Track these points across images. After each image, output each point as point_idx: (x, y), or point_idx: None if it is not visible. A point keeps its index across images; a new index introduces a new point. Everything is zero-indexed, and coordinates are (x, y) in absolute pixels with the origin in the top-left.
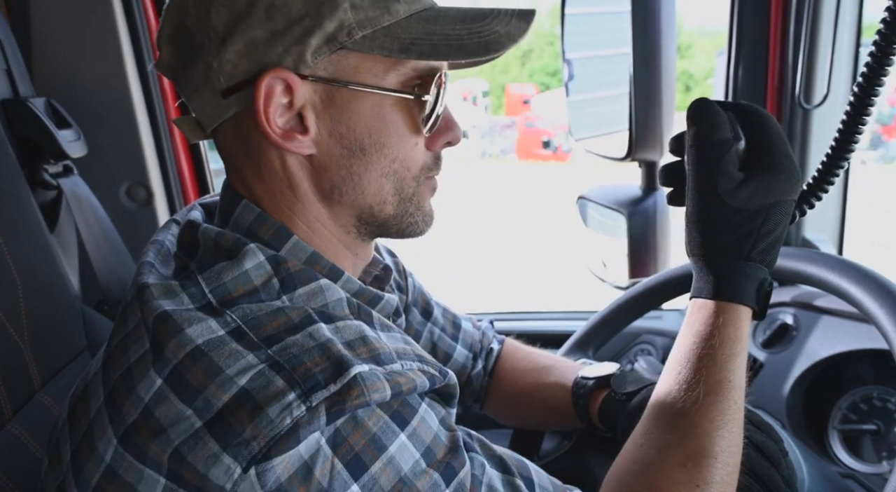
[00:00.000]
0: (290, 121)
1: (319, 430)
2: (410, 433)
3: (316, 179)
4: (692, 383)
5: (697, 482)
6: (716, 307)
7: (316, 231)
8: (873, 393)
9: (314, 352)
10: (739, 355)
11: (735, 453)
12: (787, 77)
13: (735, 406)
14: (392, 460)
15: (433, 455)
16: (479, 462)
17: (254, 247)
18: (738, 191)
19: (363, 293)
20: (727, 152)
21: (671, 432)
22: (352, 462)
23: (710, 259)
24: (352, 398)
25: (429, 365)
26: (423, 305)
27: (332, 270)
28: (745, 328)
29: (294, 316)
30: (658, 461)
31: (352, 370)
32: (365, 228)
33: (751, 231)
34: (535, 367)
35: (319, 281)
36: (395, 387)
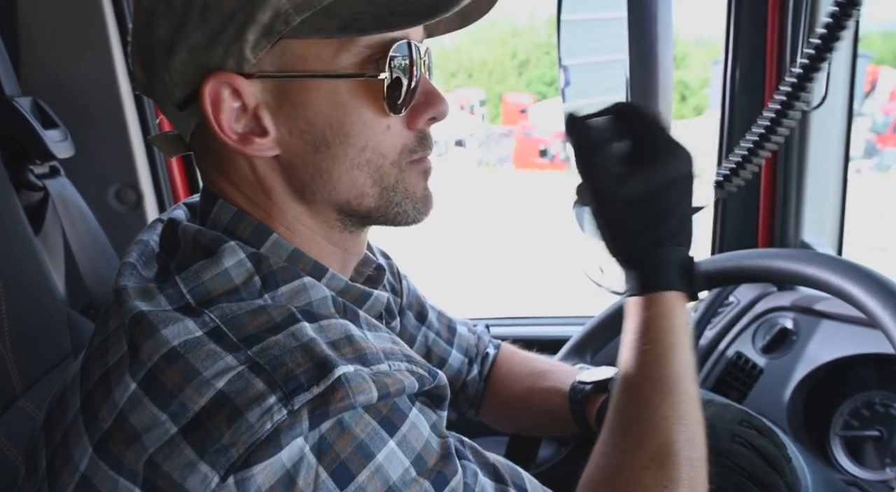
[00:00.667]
0: (248, 124)
1: (302, 435)
2: (400, 440)
3: (287, 179)
4: (639, 383)
5: (665, 483)
6: (644, 302)
7: (297, 231)
8: (875, 398)
9: (296, 352)
10: (680, 344)
11: (697, 446)
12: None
13: (686, 397)
14: (380, 468)
15: (424, 463)
16: (472, 470)
17: (233, 245)
18: (623, 185)
19: (350, 291)
20: (605, 152)
21: (629, 437)
22: (337, 471)
23: (625, 257)
24: (336, 400)
25: (418, 365)
26: (418, 308)
27: (315, 267)
28: (678, 315)
29: (276, 315)
30: (621, 468)
31: (336, 371)
32: (349, 220)
33: (651, 218)
34: (532, 371)
35: (303, 279)
36: (381, 388)
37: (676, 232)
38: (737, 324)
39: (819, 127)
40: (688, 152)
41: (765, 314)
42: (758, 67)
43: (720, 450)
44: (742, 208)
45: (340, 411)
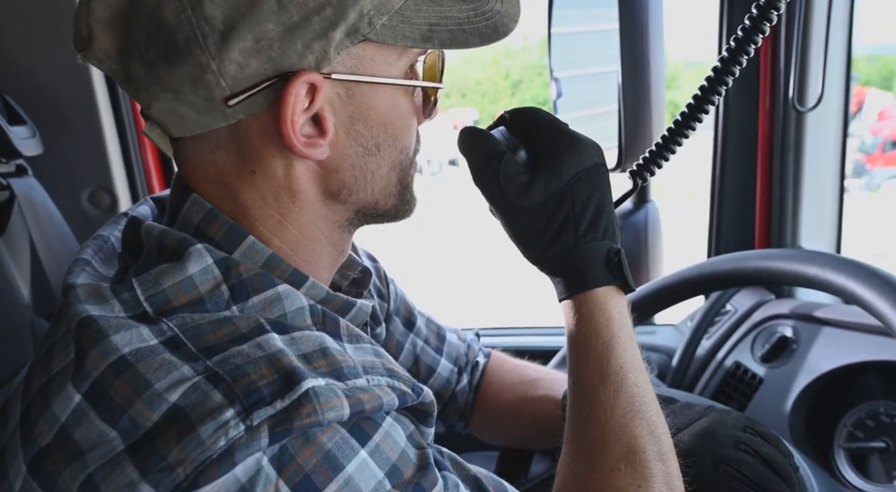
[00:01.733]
0: (305, 124)
1: (261, 450)
2: (372, 450)
3: (324, 181)
4: (586, 385)
5: (638, 482)
6: (575, 303)
7: (307, 234)
8: (880, 408)
9: (261, 363)
10: (619, 336)
11: (662, 437)
12: (779, 81)
13: (639, 389)
14: (350, 481)
15: (400, 475)
16: (453, 482)
17: (201, 248)
18: (528, 190)
19: (331, 300)
20: (502, 161)
21: (591, 442)
22: (301, 485)
23: (546, 263)
24: (301, 416)
25: (400, 381)
26: (406, 314)
27: (294, 275)
28: (613, 309)
29: (242, 325)
30: (591, 475)
31: (304, 384)
32: (360, 220)
33: (566, 217)
34: (523, 380)
35: (277, 288)
36: (355, 405)
37: (594, 226)
38: (735, 333)
39: (815, 129)
40: (591, 143)
41: (763, 322)
42: (752, 63)
43: (723, 457)
44: (738, 214)
45: (305, 428)
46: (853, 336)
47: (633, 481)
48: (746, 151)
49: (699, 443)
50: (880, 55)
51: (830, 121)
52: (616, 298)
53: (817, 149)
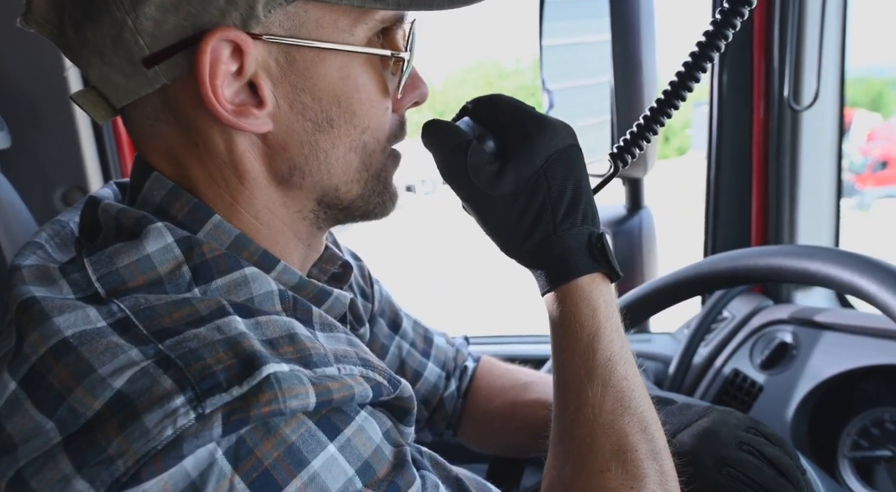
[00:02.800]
0: (240, 92)
1: (214, 441)
2: (342, 445)
3: (271, 160)
4: (572, 382)
5: (630, 484)
6: (559, 295)
7: (264, 222)
8: (885, 415)
9: (218, 346)
10: (606, 327)
11: (655, 435)
12: (773, 80)
13: (628, 383)
14: (315, 478)
15: (372, 473)
16: (433, 482)
17: (161, 226)
18: (499, 179)
19: (305, 287)
20: (468, 151)
21: (578, 442)
22: (259, 481)
23: (525, 255)
24: (260, 404)
25: (376, 371)
26: (392, 316)
27: (264, 257)
28: (598, 298)
29: (202, 307)
30: (578, 477)
31: (265, 369)
32: (325, 212)
33: (542, 204)
34: (514, 384)
35: (244, 270)
36: (322, 393)
37: (573, 211)
38: (732, 340)
39: (811, 125)
40: (561, 124)
41: (762, 328)
42: (746, 63)
43: (726, 459)
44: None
45: (265, 417)
46: (855, 340)
47: (625, 481)
48: (741, 151)
49: (700, 444)
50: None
51: (826, 119)
52: (601, 287)
53: (814, 147)
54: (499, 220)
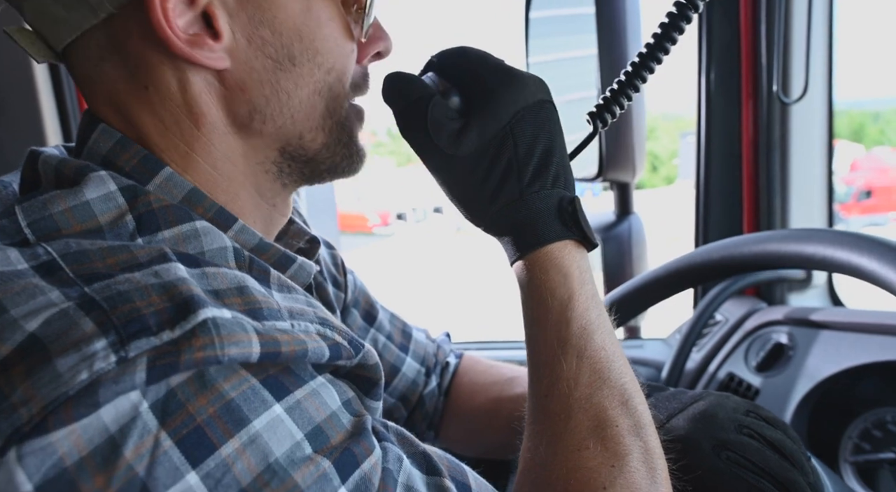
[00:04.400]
0: (193, 23)
1: (136, 389)
2: (291, 406)
3: (229, 103)
4: (545, 355)
5: (611, 462)
6: (527, 263)
7: (223, 173)
8: (887, 416)
9: (151, 290)
10: (579, 294)
11: (638, 408)
12: (761, 74)
13: (606, 353)
14: (256, 438)
15: (325, 439)
16: (395, 454)
17: (104, 174)
18: (461, 137)
19: (265, 250)
20: (430, 105)
21: (553, 419)
22: (189, 439)
23: (490, 221)
24: (192, 349)
25: (335, 331)
26: (366, 307)
27: (220, 214)
28: (571, 264)
29: (141, 254)
30: (554, 457)
31: (202, 313)
32: (289, 165)
33: (507, 165)
34: (498, 380)
35: (195, 223)
36: (268, 344)
37: (542, 172)
38: (726, 343)
39: (800, 118)
40: (532, 78)
41: (756, 330)
42: (734, 58)
43: (725, 442)
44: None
45: (197, 364)
46: (853, 338)
47: (605, 459)
48: (731, 146)
49: (696, 427)
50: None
51: (816, 112)
52: (573, 253)
53: (804, 140)
54: (461, 182)
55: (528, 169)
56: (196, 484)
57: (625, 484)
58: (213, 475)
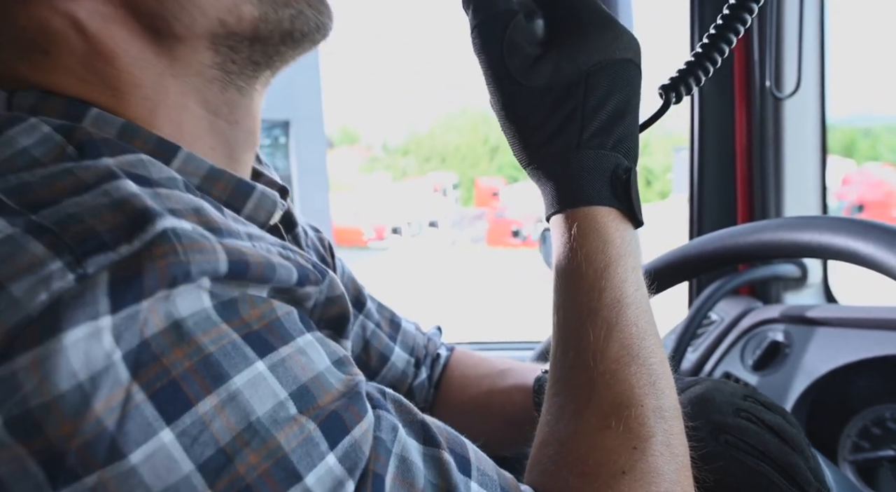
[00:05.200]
0: None
1: (104, 315)
2: (275, 364)
3: (128, 22)
4: (573, 324)
5: (633, 443)
6: (565, 220)
7: (161, 101)
8: (886, 413)
9: (103, 209)
10: (618, 265)
11: (665, 391)
12: (753, 70)
13: (638, 330)
14: (237, 396)
15: (311, 399)
16: (390, 423)
17: (35, 120)
18: (535, 67)
19: (219, 178)
20: (511, 23)
21: (576, 394)
22: (163, 393)
23: (538, 163)
24: (154, 258)
25: (299, 256)
26: (354, 293)
27: (159, 144)
28: (613, 232)
29: (87, 176)
30: (574, 435)
31: (159, 223)
32: (233, 60)
33: (572, 111)
34: (490, 372)
35: (139, 154)
36: (235, 254)
37: (605, 131)
38: (722, 343)
39: (793, 113)
40: (627, 34)
41: (752, 329)
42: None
43: (723, 426)
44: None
45: (162, 272)
46: (850, 334)
47: (627, 441)
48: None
49: (693, 410)
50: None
51: (809, 106)
52: (617, 222)
53: (798, 134)
54: (521, 114)
55: (592, 123)
56: (170, 442)
57: (646, 469)
58: (188, 433)
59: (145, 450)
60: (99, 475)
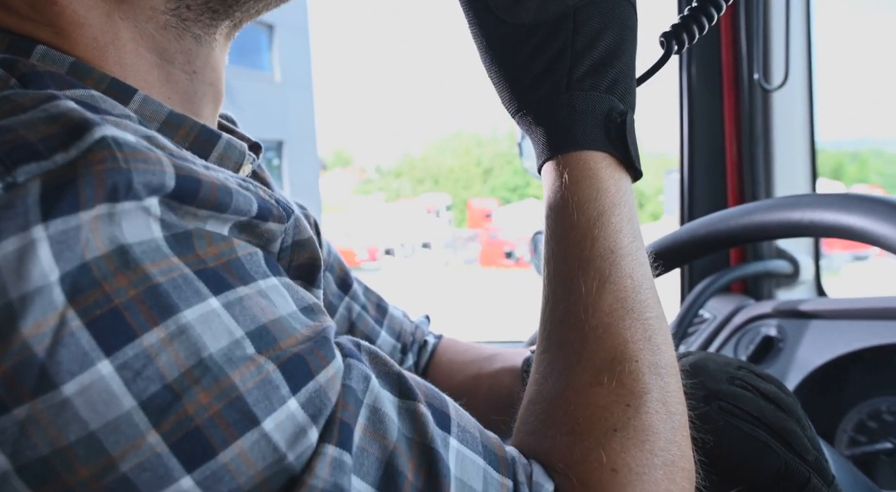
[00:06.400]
0: None
1: (35, 225)
2: (231, 302)
3: None
4: (565, 275)
5: (627, 400)
6: (556, 166)
7: (110, 44)
8: (881, 406)
9: (39, 123)
10: (611, 214)
11: (661, 347)
12: (742, 63)
13: (633, 282)
14: (187, 330)
15: (271, 341)
16: (362, 373)
17: None
18: (519, 2)
19: (180, 125)
20: None
21: (566, 349)
22: (103, 321)
23: (527, 108)
24: (90, 163)
25: (262, 191)
26: (341, 275)
27: (113, 85)
28: (607, 179)
29: (26, 100)
30: (564, 392)
31: (98, 130)
32: (188, 6)
33: (560, 50)
34: (477, 357)
35: (89, 89)
36: (185, 170)
37: (597, 72)
38: (715, 340)
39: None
40: None
41: (744, 325)
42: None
43: (717, 392)
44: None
45: (99, 179)
46: (843, 325)
47: (620, 397)
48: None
49: (686, 378)
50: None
51: (797, 97)
52: (612, 169)
53: (787, 127)
54: (506, 55)
55: (582, 62)
56: (109, 374)
57: (639, 426)
58: (130, 366)
59: (80, 381)
60: (30, 407)
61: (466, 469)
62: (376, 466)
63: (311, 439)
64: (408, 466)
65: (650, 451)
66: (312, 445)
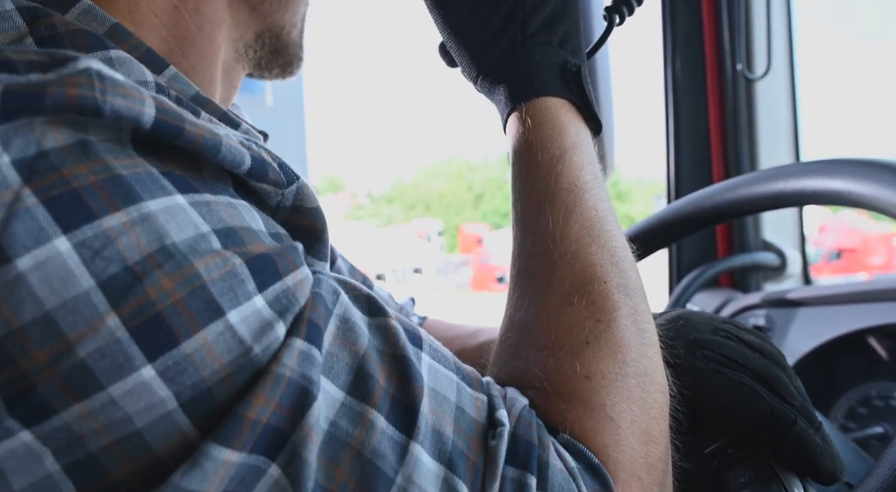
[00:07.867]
0: None
1: None
2: (198, 202)
3: None
4: (531, 211)
5: (597, 316)
6: (519, 116)
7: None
8: (871, 392)
9: (29, 52)
10: (573, 151)
11: (628, 272)
12: (724, 52)
13: (598, 213)
14: (150, 218)
15: (238, 241)
16: (331, 286)
17: None
18: None
19: (205, 105)
20: None
21: (536, 279)
22: (61, 200)
23: (487, 69)
24: (63, 85)
25: (265, 153)
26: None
27: (148, 55)
28: (567, 122)
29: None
30: (536, 316)
31: (83, 61)
32: (255, 51)
33: (512, 10)
34: (461, 334)
35: (110, 51)
36: (169, 113)
37: (548, 29)
38: None
39: (765, 95)
40: None
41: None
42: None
43: (701, 341)
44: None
45: (68, 97)
46: (830, 311)
47: (591, 314)
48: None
49: (670, 329)
50: None
51: (780, 86)
52: (571, 114)
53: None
54: (461, 22)
55: (534, 19)
56: (66, 251)
57: (610, 338)
58: (89, 245)
59: (35, 256)
60: None
61: (439, 381)
62: (346, 371)
63: (279, 332)
64: (379, 372)
65: (622, 361)
66: (280, 338)
